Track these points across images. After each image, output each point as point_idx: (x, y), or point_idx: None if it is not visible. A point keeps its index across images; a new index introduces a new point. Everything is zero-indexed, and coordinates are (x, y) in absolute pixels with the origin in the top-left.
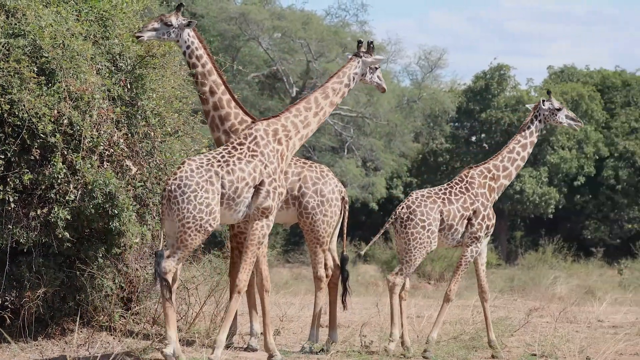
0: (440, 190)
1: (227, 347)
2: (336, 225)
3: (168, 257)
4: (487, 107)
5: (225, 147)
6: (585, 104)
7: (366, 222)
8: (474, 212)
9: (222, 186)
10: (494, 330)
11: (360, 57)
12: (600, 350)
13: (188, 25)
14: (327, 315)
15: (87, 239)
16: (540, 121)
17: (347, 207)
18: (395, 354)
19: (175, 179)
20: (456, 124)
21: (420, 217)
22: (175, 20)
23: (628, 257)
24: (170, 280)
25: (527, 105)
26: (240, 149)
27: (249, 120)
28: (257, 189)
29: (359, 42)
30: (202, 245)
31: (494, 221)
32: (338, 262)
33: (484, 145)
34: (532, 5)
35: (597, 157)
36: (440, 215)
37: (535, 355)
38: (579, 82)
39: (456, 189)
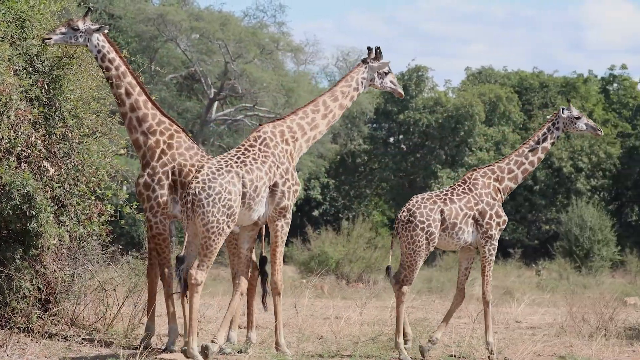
0: (442, 192)
1: (145, 347)
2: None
3: (198, 267)
4: (405, 108)
5: (238, 149)
6: (503, 105)
7: None
8: (480, 212)
9: (244, 185)
10: (411, 331)
11: (367, 63)
12: (518, 351)
13: (98, 30)
14: (246, 316)
15: (4, 240)
16: (558, 129)
17: None
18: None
19: (199, 182)
20: (374, 125)
21: (420, 219)
22: (82, 25)
23: (546, 258)
24: (199, 289)
25: (547, 116)
26: (253, 150)
27: (167, 121)
28: (271, 190)
29: (369, 48)
30: (120, 247)
31: (504, 217)
32: (257, 263)
33: (402, 146)
34: (449, 7)
35: None
36: (442, 215)
37: (453, 356)
38: (496, 84)
39: (459, 190)
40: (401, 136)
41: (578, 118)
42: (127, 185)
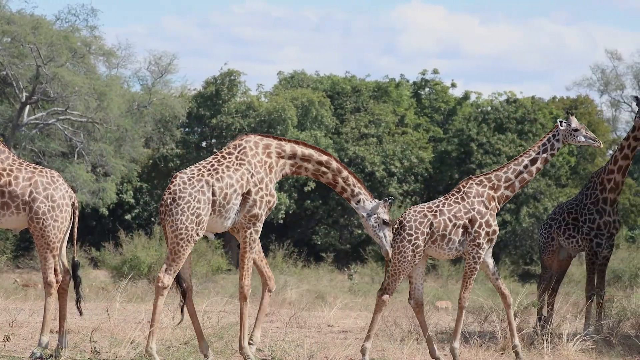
0: (434, 203)
1: None
2: (66, 231)
3: (165, 271)
4: (218, 112)
5: (215, 156)
6: (315, 109)
7: (96, 227)
8: (470, 220)
9: (213, 193)
10: (224, 335)
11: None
12: (330, 354)
13: None
14: (57, 320)
15: None
16: (558, 141)
17: (78, 212)
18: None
19: (170, 192)
20: (187, 129)
21: (408, 232)
22: None
23: (358, 262)
24: (165, 292)
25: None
26: (229, 158)
27: None
28: (244, 197)
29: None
30: None
31: (495, 227)
32: (68, 267)
33: (215, 150)
34: (261, 11)
35: None
36: (430, 228)
37: None
38: (309, 88)
39: (451, 199)
40: (214, 140)
41: (576, 130)
42: None
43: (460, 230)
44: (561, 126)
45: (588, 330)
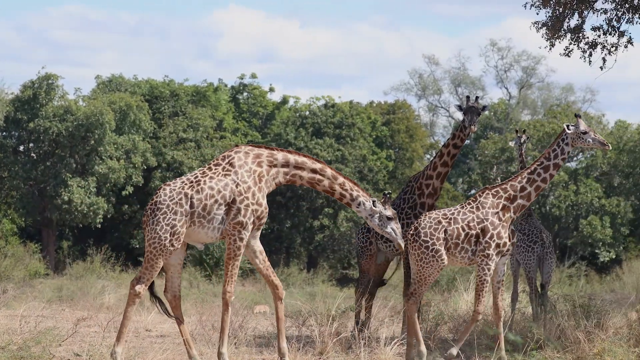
0: (450, 210)
1: None
2: None
3: (138, 280)
4: (35, 116)
5: (202, 168)
6: (133, 114)
7: None
8: (482, 230)
9: (191, 206)
10: (42, 340)
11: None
12: (147, 359)
13: None
14: None
15: None
16: (567, 144)
17: None
18: None
19: (151, 204)
20: (4, 133)
21: (424, 239)
22: None
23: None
24: (137, 300)
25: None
26: (215, 169)
27: None
28: (229, 206)
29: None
30: None
31: (505, 240)
32: None
33: (32, 155)
34: (78, 14)
35: (145, 167)
36: (445, 235)
37: None
38: (127, 92)
39: (467, 208)
40: (31, 144)
41: (585, 133)
42: None
43: (473, 240)
44: (568, 130)
45: (405, 334)
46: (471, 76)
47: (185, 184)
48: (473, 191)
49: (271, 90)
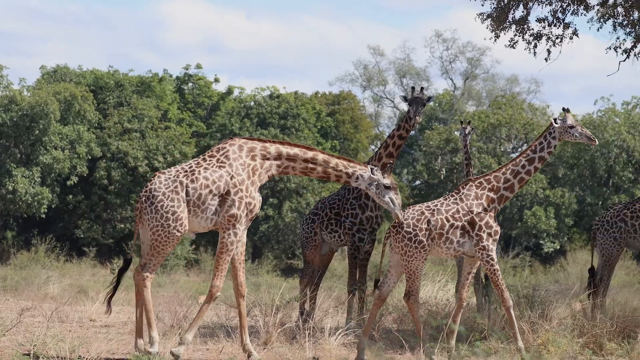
0: (433, 202)
1: None
2: None
3: (143, 267)
4: None
5: (197, 158)
6: (78, 104)
7: None
8: (470, 223)
9: (187, 194)
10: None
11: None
12: (92, 349)
13: None
14: None
15: None
16: (554, 138)
17: None
18: None
19: (145, 191)
20: None
21: (407, 230)
22: None
23: (120, 256)
24: (148, 284)
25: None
26: (210, 160)
27: None
28: (223, 198)
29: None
30: None
31: (496, 228)
32: None
33: None
34: (23, 4)
35: (90, 157)
36: (428, 225)
37: (28, 355)
38: (72, 82)
39: (450, 200)
40: None
41: (572, 127)
42: None
43: (459, 232)
44: (556, 124)
45: (350, 324)
46: (416, 67)
47: (180, 173)
48: (417, 182)
49: (216, 80)
